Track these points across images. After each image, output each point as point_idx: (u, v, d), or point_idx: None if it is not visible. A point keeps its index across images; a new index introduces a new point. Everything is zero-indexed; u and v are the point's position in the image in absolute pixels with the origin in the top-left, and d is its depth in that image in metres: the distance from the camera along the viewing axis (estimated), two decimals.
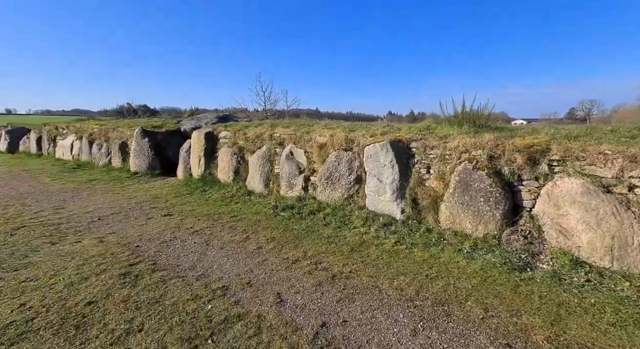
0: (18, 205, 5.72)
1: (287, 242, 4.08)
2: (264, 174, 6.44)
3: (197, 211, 5.52)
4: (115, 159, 9.67)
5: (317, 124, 6.65)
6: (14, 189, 6.96)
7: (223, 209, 5.58)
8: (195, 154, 7.71)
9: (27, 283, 2.94)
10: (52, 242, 3.95)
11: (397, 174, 4.68)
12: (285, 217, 5.09)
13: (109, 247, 3.81)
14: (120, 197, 6.47)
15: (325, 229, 4.54)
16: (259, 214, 5.27)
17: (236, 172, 6.94)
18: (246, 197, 6.29)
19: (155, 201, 6.18)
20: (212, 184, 7.09)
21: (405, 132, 5.03)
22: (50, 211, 5.36)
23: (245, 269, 3.32)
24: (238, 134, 7.21)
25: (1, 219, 4.91)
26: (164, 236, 4.30)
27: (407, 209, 4.59)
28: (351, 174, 5.22)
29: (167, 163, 9.44)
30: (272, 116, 16.46)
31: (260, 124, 7.30)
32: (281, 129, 6.67)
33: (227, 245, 4.00)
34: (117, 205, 5.85)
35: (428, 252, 3.67)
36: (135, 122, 10.67)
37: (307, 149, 5.96)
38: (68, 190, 7.03)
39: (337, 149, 5.43)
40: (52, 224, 4.67)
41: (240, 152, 6.99)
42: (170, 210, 5.56)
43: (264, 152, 6.57)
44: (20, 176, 8.62)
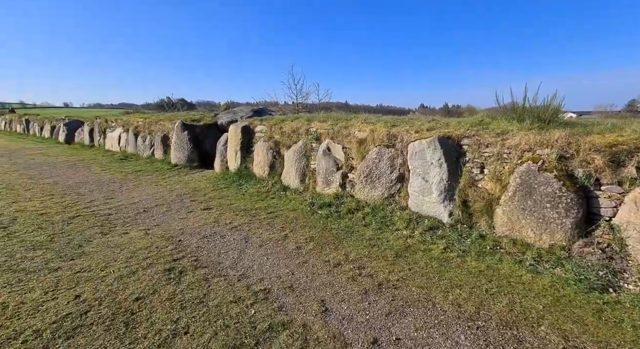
0: (74, 194, 6.13)
1: (326, 243, 3.91)
2: (299, 169, 6.32)
3: (234, 205, 5.54)
4: (158, 151, 10.13)
5: (354, 118, 6.35)
6: (70, 179, 7.52)
7: (259, 205, 5.55)
8: (231, 147, 7.80)
9: (81, 273, 3.06)
10: (103, 233, 4.13)
11: (446, 174, 4.30)
12: (323, 215, 4.93)
13: (154, 241, 3.90)
14: (162, 189, 6.71)
15: (365, 230, 4.31)
16: (295, 211, 5.16)
17: (272, 166, 6.90)
18: (282, 193, 6.23)
19: (195, 194, 6.32)
20: (247, 178, 7.12)
21: (455, 128, 4.59)
22: (101, 201, 5.67)
23: (286, 271, 3.21)
24: (274, 128, 7.14)
25: (59, 207, 5.28)
26: (204, 230, 4.34)
27: (456, 212, 4.21)
28: (393, 172, 4.91)
29: (205, 156, 9.70)
30: (303, 109, 16.34)
31: (296, 118, 7.16)
32: (317, 123, 6.48)
33: (265, 243, 3.93)
34: (160, 197, 6.07)
35: (483, 263, 3.30)
36: (175, 115, 11.08)
37: (345, 144, 5.71)
38: (116, 180, 7.45)
39: (378, 145, 5.12)
40: (103, 215, 4.92)
41: (276, 147, 6.93)
42: (209, 204, 5.64)
43: (300, 147, 6.44)
44: (75, 166, 9.33)
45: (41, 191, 6.28)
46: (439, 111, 73.43)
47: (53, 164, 9.45)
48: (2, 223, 4.41)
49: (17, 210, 5.04)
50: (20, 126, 21.71)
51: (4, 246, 3.63)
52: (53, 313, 2.43)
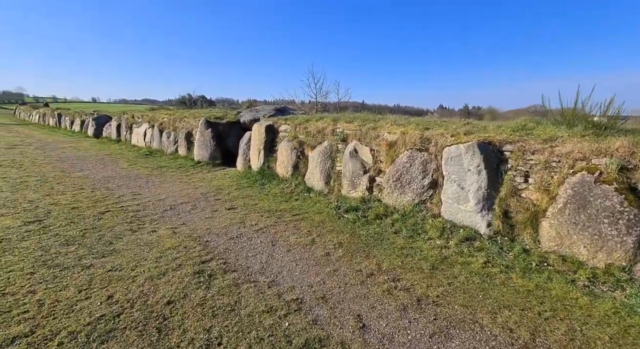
0: (103, 189, 6.27)
1: (356, 251, 3.75)
2: (324, 171, 6.18)
3: (258, 206, 5.47)
4: (182, 148, 10.28)
5: (382, 119, 6.13)
6: (99, 173, 7.72)
7: (284, 206, 5.45)
8: (255, 146, 7.76)
9: (113, 272, 3.05)
10: (132, 230, 4.15)
11: (485, 182, 4.02)
12: (350, 220, 4.76)
13: (182, 240, 3.87)
14: (186, 186, 6.76)
15: (396, 238, 4.11)
16: (321, 214, 5.02)
17: (295, 167, 6.80)
18: (305, 194, 6.11)
19: (219, 192, 6.31)
20: (270, 178, 7.06)
21: (495, 133, 4.30)
22: (129, 197, 5.76)
23: (317, 280, 3.07)
24: (299, 128, 7.03)
25: (90, 201, 5.39)
26: (230, 231, 4.28)
27: (496, 222, 3.93)
28: (425, 177, 4.67)
29: (227, 153, 9.75)
30: (321, 108, 16.17)
31: (321, 118, 7.02)
32: (344, 124, 6.31)
33: (293, 248, 3.81)
34: (185, 194, 6.09)
35: (531, 281, 3.04)
36: (199, 112, 11.21)
37: (374, 146, 5.51)
38: (142, 176, 7.58)
39: (410, 148, 4.89)
40: (132, 211, 4.97)
41: (300, 147, 6.82)
42: (233, 203, 5.60)
43: (325, 148, 6.29)
44: (103, 160, 9.61)
45: (72, 185, 6.46)
46: (458, 112, 71.09)
47: (83, 158, 9.78)
48: (38, 216, 4.53)
49: (51, 203, 5.18)
50: (52, 119, 22.80)
51: (40, 240, 3.70)
52: (87, 314, 2.41)
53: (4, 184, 6.22)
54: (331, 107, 16.56)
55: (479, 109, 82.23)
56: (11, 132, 17.36)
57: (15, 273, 2.94)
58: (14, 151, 10.63)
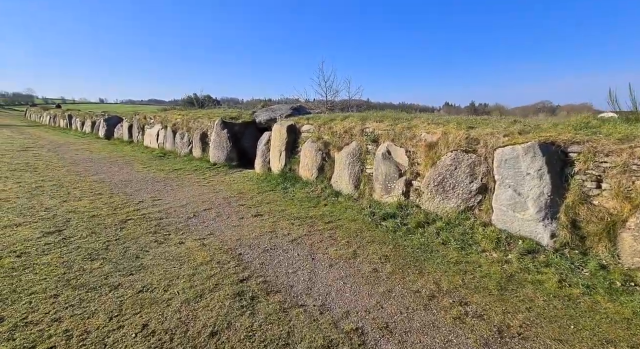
0: (121, 194, 5.99)
1: (406, 266, 3.37)
2: (353, 174, 5.80)
3: (286, 212, 5.12)
4: (196, 149, 9.99)
5: (416, 118, 5.72)
6: (115, 176, 7.46)
7: (313, 213, 5.09)
8: (275, 148, 7.41)
9: (144, 293, 2.73)
10: (158, 242, 3.83)
11: (548, 187, 3.60)
12: (389, 228, 4.37)
13: (213, 254, 3.54)
14: (206, 190, 6.44)
15: (445, 250, 3.72)
16: (356, 222, 4.65)
17: (320, 169, 6.43)
18: (333, 199, 5.74)
19: (241, 197, 5.98)
20: (293, 181, 6.70)
21: (555, 131, 3.86)
22: (149, 203, 5.46)
23: (373, 303, 2.70)
24: (323, 128, 6.65)
25: (109, 208, 5.10)
26: (262, 242, 3.93)
27: (562, 233, 3.51)
28: (473, 181, 4.25)
29: (243, 155, 9.43)
30: (330, 107, 15.74)
31: (347, 118, 6.63)
32: (373, 123, 5.91)
33: (335, 262, 3.45)
34: (207, 199, 5.78)
35: (624, 306, 2.62)
36: (213, 112, 10.91)
37: (409, 148, 5.10)
38: (159, 179, 7.30)
39: (454, 149, 4.48)
40: (154, 218, 4.66)
41: (325, 148, 6.44)
42: (259, 209, 5.26)
43: (353, 150, 5.91)
44: (117, 162, 9.37)
45: (89, 189, 6.20)
46: (464, 109, 69.62)
47: (97, 160, 9.56)
48: (57, 225, 4.25)
49: (69, 210, 4.91)
50: (63, 121, 22.83)
51: (61, 254, 3.40)
52: None
53: (20, 190, 5.98)
54: (336, 105, 16.09)
55: (486, 106, 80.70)
56: (23, 134, 17.35)
57: (38, 295, 2.63)
58: (27, 153, 10.48)
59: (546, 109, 49.56)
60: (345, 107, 16.35)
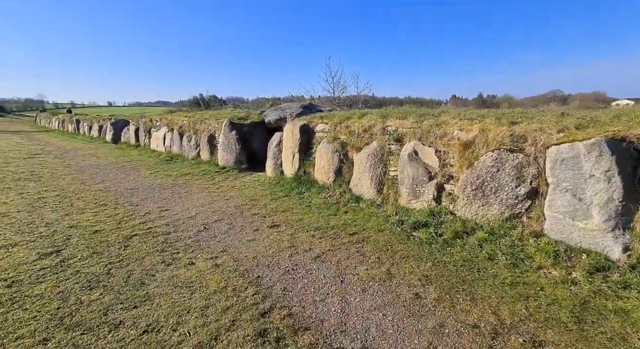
0: (127, 204, 5.61)
1: (453, 289, 2.87)
2: (375, 177, 5.29)
3: (304, 221, 4.65)
4: (204, 152, 9.60)
5: (445, 113, 5.16)
6: (121, 184, 7.11)
7: (334, 221, 4.61)
8: (288, 149, 6.93)
9: (149, 335, 2.30)
10: (166, 263, 3.41)
11: (619, 191, 3.03)
12: (423, 240, 3.87)
13: (228, 278, 3.09)
14: (216, 197, 6.03)
15: (495, 267, 3.19)
16: (383, 233, 4.15)
17: (338, 172, 5.94)
18: (354, 205, 5.25)
19: (254, 204, 5.54)
20: (308, 185, 6.23)
21: (621, 125, 3.28)
22: (156, 214, 5.06)
23: (424, 344, 2.22)
24: (339, 127, 6.14)
25: (113, 221, 4.72)
26: (282, 260, 3.48)
27: (638, 246, 2.95)
28: (520, 184, 3.70)
29: (252, 157, 9.00)
30: (338, 104, 15.16)
31: (365, 115, 6.10)
32: (396, 120, 5.37)
33: (368, 285, 2.96)
34: (217, 208, 5.35)
35: None
36: (220, 113, 10.49)
37: (440, 147, 4.56)
38: (167, 186, 6.92)
39: (495, 148, 3.92)
40: (161, 233, 4.25)
41: (342, 149, 5.94)
42: (274, 219, 4.81)
43: (374, 150, 5.39)
44: (124, 168, 9.05)
45: (93, 200, 5.84)
46: (472, 101, 67.69)
47: (103, 167, 9.25)
48: (56, 244, 3.88)
49: (71, 225, 4.54)
50: (71, 125, 22.82)
51: (57, 282, 3.01)
52: None
53: (21, 202, 5.66)
54: (343, 102, 15.49)
55: (494, 97, 78.29)
56: (32, 140, 17.29)
57: (25, 340, 2.22)
58: (34, 160, 10.25)
59: (557, 98, 47.66)
60: (353, 103, 15.76)
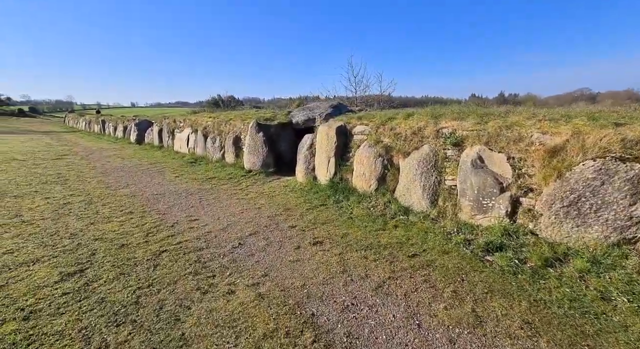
0: (153, 212, 5.23)
1: (574, 347, 2.19)
2: (429, 186, 4.61)
3: (350, 238, 4.07)
4: (229, 154, 9.20)
5: (514, 113, 4.42)
6: (147, 188, 6.79)
7: (385, 239, 3.99)
8: (322, 153, 6.36)
9: None
10: (201, 290, 2.91)
11: None
12: (504, 268, 3.18)
13: (277, 316, 2.54)
14: (246, 205, 5.55)
15: (617, 314, 2.47)
16: (449, 255, 3.50)
17: (381, 179, 5.30)
18: (403, 217, 4.60)
19: (289, 215, 5.01)
20: (346, 193, 5.63)
21: None
22: (185, 225, 4.62)
23: None
24: (382, 128, 5.51)
25: (141, 233, 4.31)
26: (336, 291, 2.90)
27: None
28: (637, 203, 2.94)
29: (279, 160, 8.52)
30: (360, 103, 14.47)
31: (411, 115, 5.43)
32: (451, 121, 4.68)
33: (456, 335, 2.33)
34: (249, 218, 4.86)
35: None
36: (246, 114, 10.09)
37: (514, 153, 3.85)
38: (193, 191, 6.53)
39: (597, 156, 3.18)
40: (193, 249, 3.79)
41: (387, 154, 5.30)
42: (315, 233, 4.25)
43: (426, 156, 4.72)
44: (149, 171, 8.80)
45: (119, 207, 5.50)
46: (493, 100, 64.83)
47: (128, 169, 9.04)
48: (80, 261, 3.48)
49: (96, 237, 4.17)
50: (97, 126, 23.32)
51: (80, 313, 2.56)
52: None
53: (47, 208, 5.39)
54: (360, 101, 14.77)
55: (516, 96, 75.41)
56: (60, 141, 17.67)
57: None
58: (61, 162, 10.22)
59: (585, 97, 44.56)
60: (372, 103, 15.05)
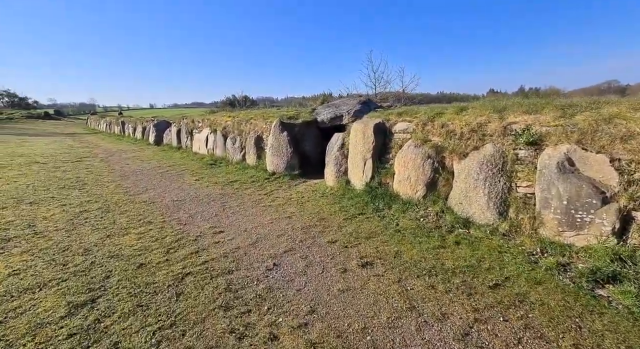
0: (174, 222, 4.71)
1: None
2: (495, 193, 3.84)
3: (405, 258, 3.37)
4: (250, 155, 8.67)
5: (610, 103, 3.58)
6: (166, 194, 6.32)
7: (449, 260, 3.27)
8: (357, 154, 5.67)
9: None
10: (236, 334, 2.31)
11: None
12: (632, 309, 2.40)
13: None
14: (275, 214, 4.94)
15: None
16: (543, 287, 2.74)
17: (431, 185, 4.56)
18: (463, 231, 3.86)
19: (325, 226, 4.36)
20: (387, 200, 4.92)
21: None
22: (210, 239, 4.06)
23: None
24: (430, 126, 4.75)
25: (161, 249, 3.78)
26: (409, 338, 2.22)
27: None
28: None
29: (304, 161, 7.90)
30: (380, 100, 13.64)
31: (464, 109, 4.65)
32: (523, 116, 3.88)
33: None
34: (281, 230, 4.25)
35: None
36: (267, 112, 9.52)
37: (620, 154, 3.03)
38: (215, 197, 6.00)
39: None
40: (221, 272, 3.20)
41: (437, 155, 4.55)
42: (360, 250, 3.58)
43: (490, 157, 3.94)
44: (168, 174, 8.39)
45: (137, 215, 5.03)
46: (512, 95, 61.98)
47: (146, 172, 8.67)
48: (92, 285, 2.97)
49: (111, 254, 3.66)
50: (117, 127, 23.54)
51: None
52: None
53: (62, 217, 4.98)
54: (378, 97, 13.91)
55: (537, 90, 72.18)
56: (82, 143, 17.78)
57: None
58: (81, 165, 10.01)
59: (613, 89, 41.39)
60: (392, 100, 14.21)
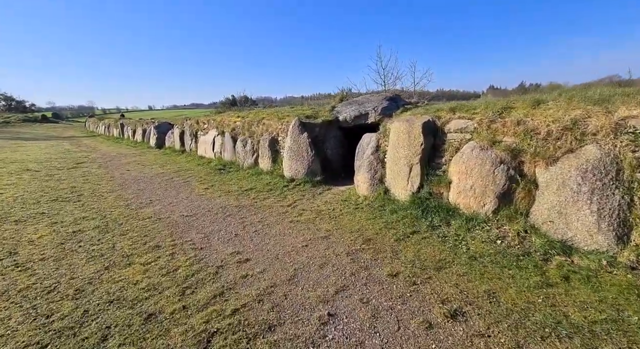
0: (187, 245, 3.85)
1: None
2: (608, 210, 2.97)
3: (505, 304, 2.50)
4: (264, 159, 7.79)
5: None
6: (174, 207, 5.46)
7: (574, 311, 2.40)
8: (400, 158, 4.79)
9: None
10: None
11: None
12: None
13: None
14: (306, 232, 4.09)
15: None
16: None
17: (503, 197, 3.69)
18: (561, 259, 3.00)
19: (375, 250, 3.50)
20: (443, 214, 4.06)
21: None
22: (235, 271, 3.20)
23: None
24: (499, 123, 3.88)
25: (173, 289, 2.92)
26: None
27: None
28: None
29: (326, 166, 7.04)
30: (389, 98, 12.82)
31: (542, 102, 3.78)
32: (636, 108, 3.01)
33: None
34: (323, 258, 3.38)
35: None
36: (281, 111, 8.64)
37: None
38: (231, 211, 5.14)
39: None
40: (260, 329, 2.34)
41: (512, 160, 3.67)
42: (437, 289, 2.72)
43: (596, 162, 3.07)
44: (173, 181, 7.52)
45: (141, 237, 4.17)
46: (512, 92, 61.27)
47: (149, 179, 7.80)
48: None
49: (110, 297, 2.81)
50: (116, 130, 22.65)
51: None
52: None
53: (51, 240, 4.13)
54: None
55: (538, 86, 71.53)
56: (80, 147, 16.90)
57: None
58: (77, 172, 9.14)
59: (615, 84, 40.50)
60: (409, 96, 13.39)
